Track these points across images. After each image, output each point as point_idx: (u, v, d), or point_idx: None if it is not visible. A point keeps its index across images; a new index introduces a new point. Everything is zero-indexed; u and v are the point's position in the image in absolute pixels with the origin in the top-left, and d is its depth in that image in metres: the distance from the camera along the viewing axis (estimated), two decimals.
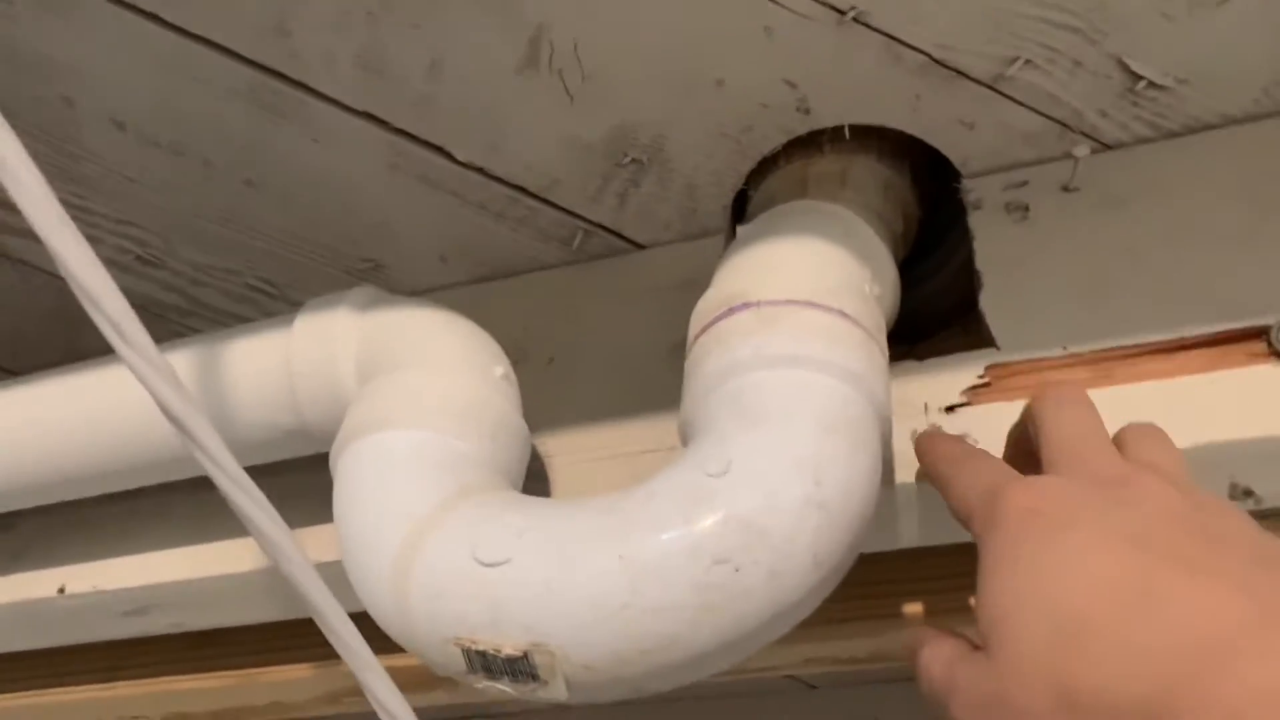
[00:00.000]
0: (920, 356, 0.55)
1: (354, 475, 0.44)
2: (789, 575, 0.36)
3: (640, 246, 0.68)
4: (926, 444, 0.43)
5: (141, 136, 0.66)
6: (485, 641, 0.37)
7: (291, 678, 0.64)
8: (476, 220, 0.67)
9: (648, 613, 0.35)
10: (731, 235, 0.66)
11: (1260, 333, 0.46)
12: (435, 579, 0.38)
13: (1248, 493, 0.45)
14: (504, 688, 0.38)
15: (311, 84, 0.62)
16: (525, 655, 0.36)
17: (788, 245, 0.46)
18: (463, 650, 0.37)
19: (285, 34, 0.60)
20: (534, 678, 0.37)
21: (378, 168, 0.65)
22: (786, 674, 0.57)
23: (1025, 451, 0.40)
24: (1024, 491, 0.34)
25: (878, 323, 0.44)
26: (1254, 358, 0.46)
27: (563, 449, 0.57)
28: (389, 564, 0.40)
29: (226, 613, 0.61)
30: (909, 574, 0.53)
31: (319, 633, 0.57)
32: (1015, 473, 0.37)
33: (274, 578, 0.57)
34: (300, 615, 0.59)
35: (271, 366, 0.50)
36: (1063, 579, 0.30)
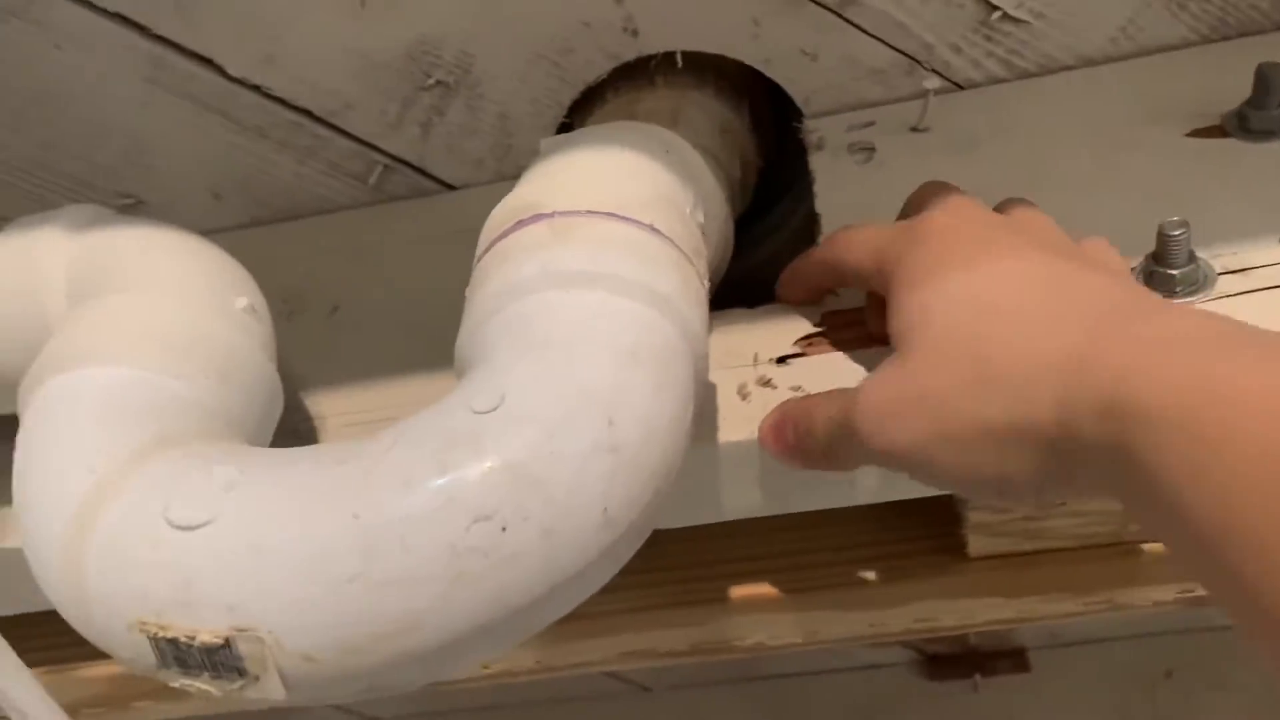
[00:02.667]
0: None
1: (35, 424, 0.34)
2: (570, 535, 0.29)
3: (448, 187, 0.60)
4: (800, 259, 0.45)
5: None
6: (177, 626, 0.28)
7: None
8: (255, 149, 0.58)
9: (385, 586, 0.27)
10: None
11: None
12: (118, 546, 0.29)
13: None
14: (204, 686, 0.29)
15: None
16: (227, 643, 0.28)
17: (594, 155, 0.39)
18: (150, 638, 0.29)
19: None
20: (240, 672, 0.28)
21: (134, 82, 0.55)
22: (602, 670, 0.49)
23: None
24: (942, 213, 0.37)
25: (697, 247, 0.37)
26: None
27: (338, 409, 0.48)
28: (64, 530, 0.31)
29: None
30: (738, 551, 0.46)
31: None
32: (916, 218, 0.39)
33: None
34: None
35: None
36: (991, 279, 0.33)
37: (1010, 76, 0.53)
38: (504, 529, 0.28)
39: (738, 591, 0.46)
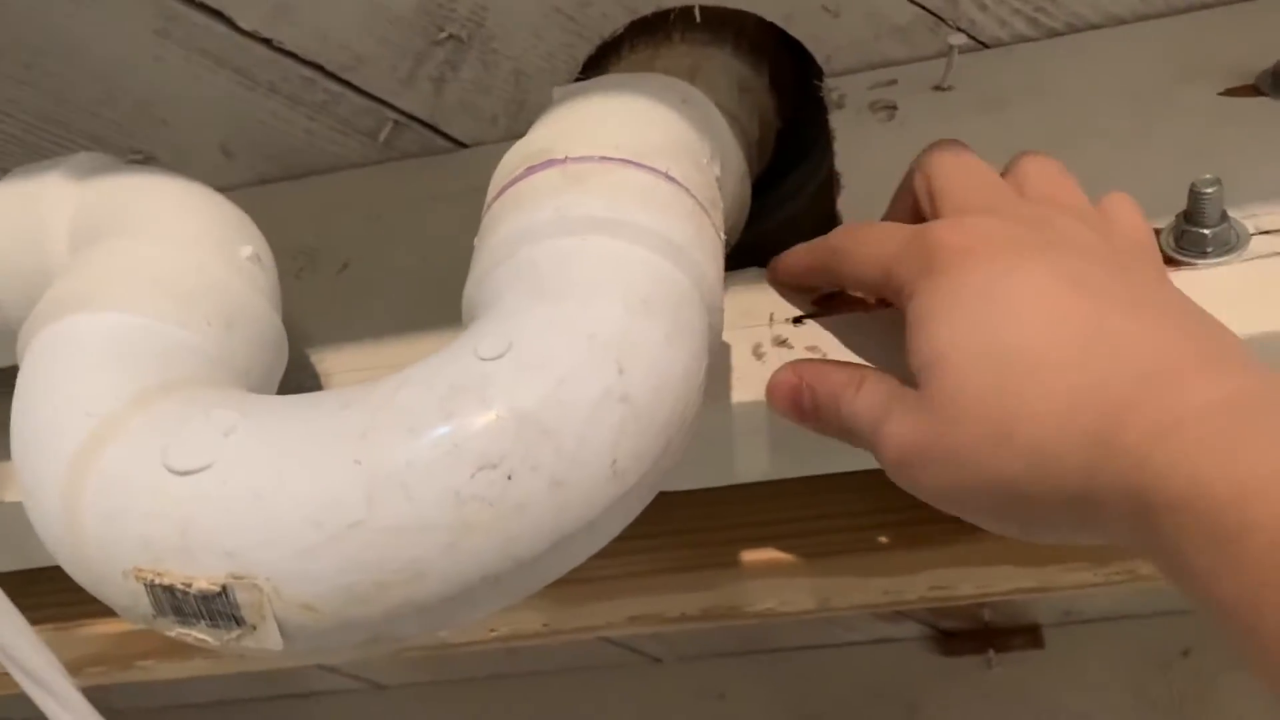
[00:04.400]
0: None
1: (34, 369, 0.33)
2: (578, 485, 0.28)
3: (461, 145, 0.59)
4: (795, 253, 0.42)
5: None
6: (173, 573, 0.27)
7: None
8: (266, 105, 0.57)
9: (388, 533, 0.27)
10: None
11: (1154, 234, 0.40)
12: (113, 493, 0.29)
13: None
14: (201, 635, 0.28)
15: None
16: (224, 590, 0.27)
17: (610, 101, 0.38)
18: (146, 585, 0.28)
19: None
20: (237, 620, 0.27)
21: (143, 35, 0.54)
22: (605, 636, 0.48)
23: (912, 214, 0.39)
24: (953, 231, 0.33)
25: (713, 197, 0.36)
26: None
27: (346, 366, 0.47)
28: (61, 476, 0.30)
29: None
30: (750, 516, 0.45)
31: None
32: (927, 222, 0.35)
33: None
34: None
35: None
36: (1011, 318, 0.30)
37: (1038, 35, 0.52)
38: (510, 477, 0.27)
39: (749, 556, 0.45)
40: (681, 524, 0.45)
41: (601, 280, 0.30)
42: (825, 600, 0.46)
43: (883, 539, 0.45)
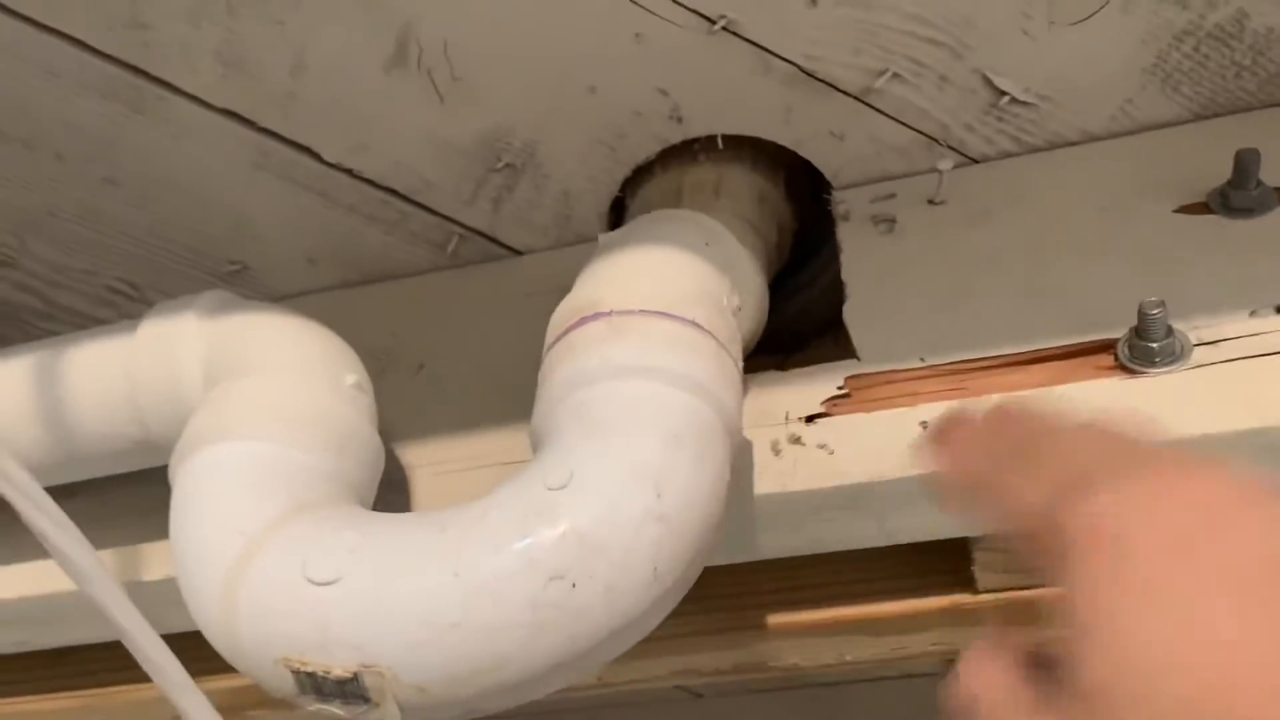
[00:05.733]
0: (789, 367, 0.55)
1: (189, 490, 0.42)
2: (627, 591, 0.35)
3: (516, 252, 0.67)
4: (951, 431, 0.32)
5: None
6: (315, 663, 0.35)
7: (145, 697, 0.62)
8: (346, 222, 0.66)
9: (481, 631, 0.34)
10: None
11: (1108, 346, 0.47)
12: (264, 598, 0.37)
13: None
14: (336, 710, 0.36)
15: (170, 79, 0.59)
16: (355, 677, 0.35)
17: (645, 253, 0.45)
18: (292, 671, 0.36)
19: (141, 26, 0.58)
20: (365, 700, 0.35)
21: (242, 167, 0.63)
22: (655, 686, 0.56)
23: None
24: (1111, 515, 0.25)
25: (732, 334, 0.44)
26: (1102, 370, 0.47)
27: (427, 459, 0.55)
28: (219, 582, 0.38)
29: (73, 630, 0.58)
30: (772, 584, 0.53)
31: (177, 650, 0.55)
32: (1086, 477, 0.27)
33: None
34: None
35: (114, 375, 0.48)
36: (1191, 648, 0.23)
37: (1020, 151, 0.59)
38: (574, 586, 0.35)
39: (774, 619, 0.53)
40: (715, 591, 0.52)
41: (641, 418, 0.38)
42: (841, 655, 0.53)
43: (890, 604, 0.52)
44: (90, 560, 0.30)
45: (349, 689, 0.35)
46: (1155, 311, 0.45)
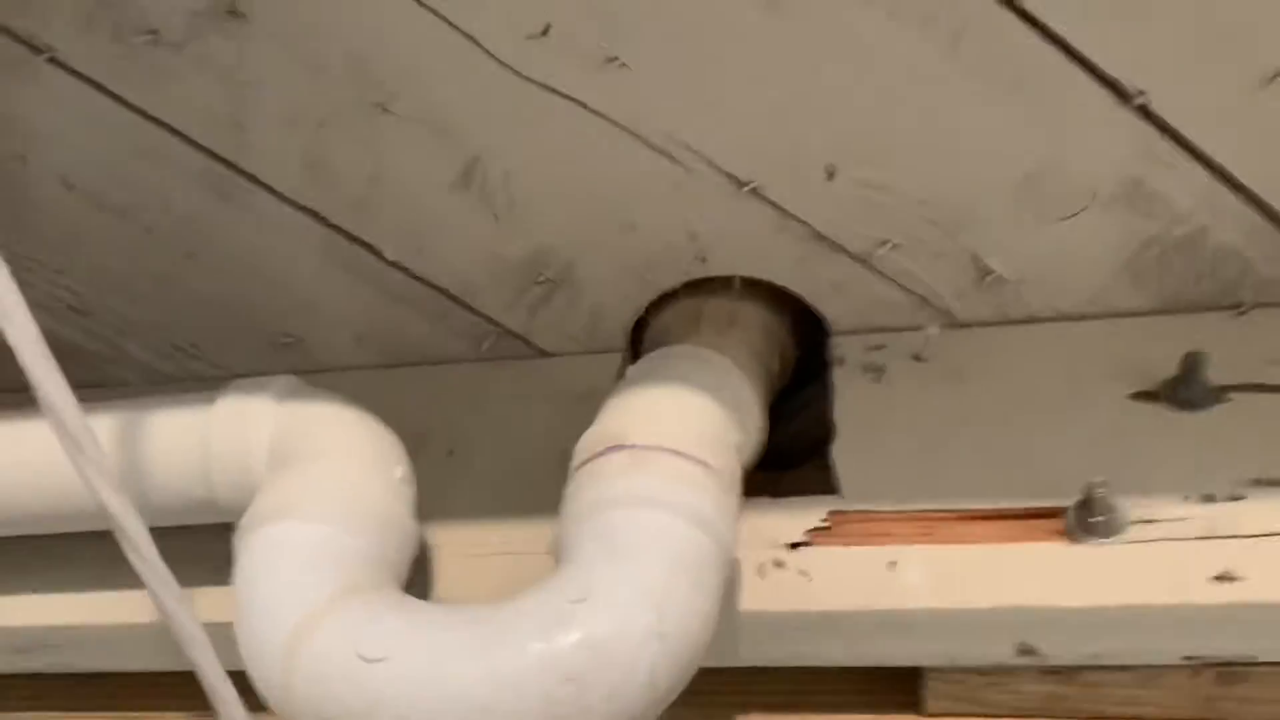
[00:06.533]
0: (781, 488, 0.62)
1: (256, 558, 0.49)
2: (627, 695, 0.42)
3: (546, 354, 0.74)
4: None
5: (88, 197, 0.70)
6: None
7: None
8: (396, 311, 0.73)
9: (503, 717, 0.41)
10: (629, 352, 0.73)
11: (1058, 513, 0.54)
12: (320, 668, 0.43)
13: (1031, 651, 0.52)
14: None
15: (260, 176, 0.67)
16: None
17: (667, 393, 0.53)
18: None
19: (240, 128, 0.65)
20: None
21: (311, 256, 0.70)
22: None
23: None
24: None
25: (734, 471, 0.51)
26: (1050, 535, 0.54)
27: (451, 541, 0.62)
28: (279, 648, 0.45)
29: (114, 659, 0.64)
30: (746, 687, 0.59)
31: (194, 685, 0.61)
32: None
33: (162, 631, 0.61)
34: (183, 668, 0.62)
35: (191, 443, 0.54)
36: None
37: (1000, 321, 0.67)
38: (583, 688, 0.41)
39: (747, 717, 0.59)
40: (698, 688, 0.59)
41: (652, 546, 0.45)
42: None
43: (848, 715, 0.58)
44: (182, 608, 0.37)
45: None
46: (1099, 491, 0.52)
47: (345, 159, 0.66)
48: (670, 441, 0.49)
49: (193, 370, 0.78)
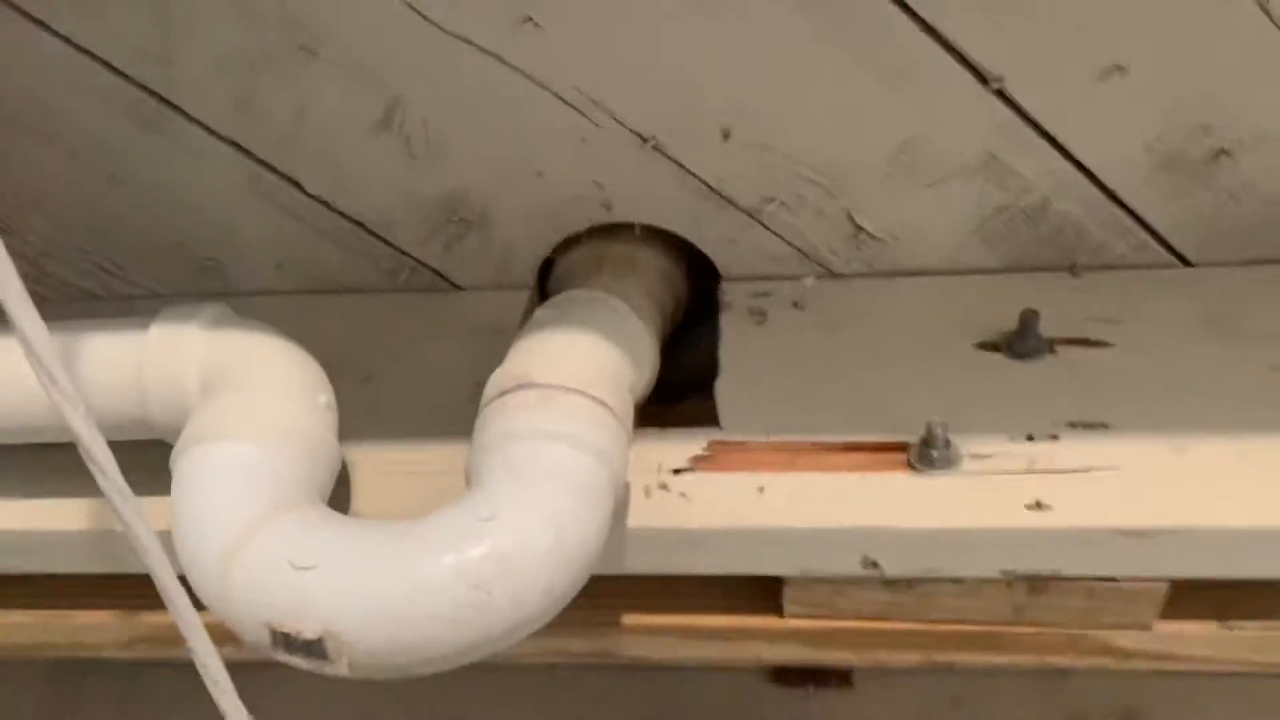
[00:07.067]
0: (673, 419, 0.69)
1: (192, 476, 0.54)
2: (527, 601, 0.49)
3: (458, 288, 0.79)
4: None
5: (11, 121, 0.72)
6: (291, 626, 0.48)
7: (94, 622, 0.73)
8: (316, 242, 0.77)
9: (418, 619, 0.48)
10: (537, 290, 0.79)
11: (904, 447, 0.63)
12: (255, 576, 0.49)
13: (874, 565, 0.61)
14: (298, 662, 0.49)
15: (187, 109, 0.70)
16: (320, 640, 0.48)
17: (569, 336, 0.59)
18: (271, 631, 0.49)
19: (169, 63, 0.68)
20: (324, 657, 0.48)
21: (235, 186, 0.74)
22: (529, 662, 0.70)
23: None
24: None
25: (627, 408, 0.58)
26: (895, 466, 0.62)
27: (367, 460, 0.68)
28: (217, 559, 0.50)
29: (51, 562, 0.69)
30: (628, 592, 0.67)
31: (123, 587, 0.66)
32: None
33: (98, 538, 0.66)
34: (117, 570, 0.67)
35: (128, 368, 0.59)
36: None
37: (870, 274, 0.74)
38: (489, 594, 0.48)
39: (627, 619, 0.67)
40: (589, 592, 0.67)
41: (553, 473, 0.52)
42: (674, 655, 0.68)
43: (718, 620, 0.67)
44: (140, 519, 0.42)
45: (314, 649, 0.48)
46: (938, 429, 0.61)
47: (272, 98, 0.69)
48: (572, 381, 0.55)
49: (114, 289, 0.81)
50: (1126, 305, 0.70)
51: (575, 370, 0.56)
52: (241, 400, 0.57)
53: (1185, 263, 0.72)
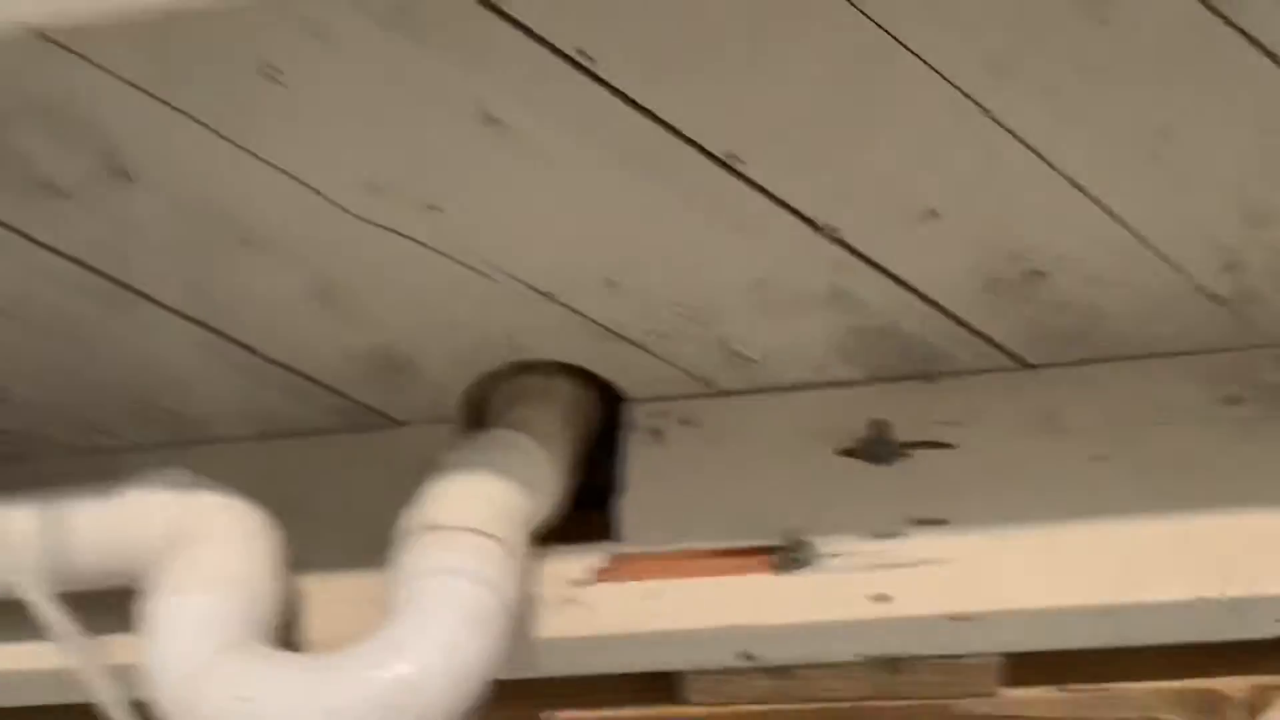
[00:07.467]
0: (593, 525, 0.79)
1: (157, 622, 0.65)
2: (434, 713, 0.59)
3: (399, 423, 0.90)
4: None
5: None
6: None
7: None
8: (268, 394, 0.88)
9: None
10: (464, 422, 0.89)
11: (770, 550, 0.73)
12: (209, 705, 0.60)
13: (750, 656, 0.71)
14: None
15: (144, 291, 0.81)
16: None
17: (469, 481, 0.70)
18: None
19: (125, 256, 0.80)
20: None
21: (193, 352, 0.85)
22: None
23: None
24: None
25: (519, 539, 0.68)
26: (764, 567, 0.72)
27: (317, 589, 0.78)
28: (178, 691, 0.61)
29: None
30: (547, 691, 0.77)
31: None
32: None
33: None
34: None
35: (107, 529, 0.70)
36: None
37: (750, 389, 0.85)
38: (402, 712, 0.58)
39: (546, 716, 0.77)
40: (512, 694, 0.76)
41: (455, 605, 0.62)
42: None
43: (625, 709, 0.77)
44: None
45: None
46: (794, 535, 0.71)
47: (218, 280, 0.81)
48: (469, 523, 0.66)
49: (102, 445, 0.93)
50: (971, 408, 0.80)
51: (471, 513, 0.67)
52: (195, 555, 0.68)
53: (1026, 365, 0.82)
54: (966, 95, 0.66)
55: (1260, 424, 0.75)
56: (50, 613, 0.54)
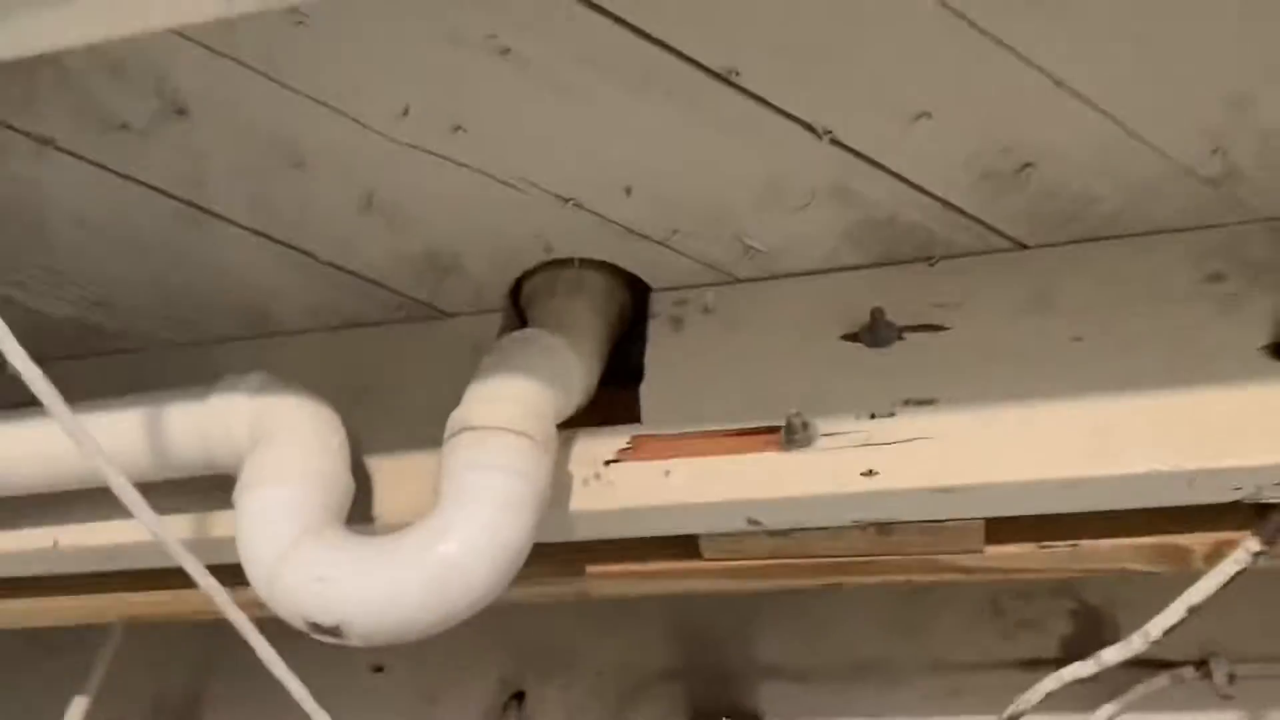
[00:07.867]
0: (624, 401, 0.88)
1: (248, 512, 0.77)
2: (478, 585, 0.71)
3: (448, 315, 1.00)
4: None
5: (95, 232, 0.94)
6: (317, 617, 0.71)
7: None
8: (334, 293, 0.98)
9: (403, 608, 0.70)
10: (510, 309, 0.98)
11: (775, 430, 0.81)
12: (291, 583, 0.72)
13: (756, 522, 0.80)
14: (326, 639, 0.72)
15: (218, 212, 0.91)
16: (337, 625, 0.71)
17: (504, 383, 0.79)
18: (305, 621, 0.72)
19: (200, 183, 0.89)
20: (337, 634, 0.71)
21: (265, 261, 0.95)
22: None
23: None
24: None
25: (551, 431, 0.78)
26: (769, 446, 0.81)
27: (383, 468, 0.90)
28: (266, 572, 0.74)
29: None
30: (590, 551, 0.88)
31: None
32: None
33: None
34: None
35: (193, 431, 0.82)
36: None
37: (765, 277, 0.91)
38: (449, 584, 0.70)
39: (591, 569, 0.89)
40: (554, 554, 0.88)
41: (490, 494, 0.72)
42: (630, 589, 0.89)
43: (650, 563, 0.88)
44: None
45: (333, 631, 0.71)
46: (796, 417, 0.79)
47: (279, 197, 0.89)
48: (502, 422, 0.75)
49: (193, 340, 1.05)
50: (969, 289, 0.86)
51: (504, 413, 0.76)
52: (275, 451, 0.79)
53: (1022, 246, 0.87)
54: (945, 5, 0.70)
55: (1238, 300, 0.79)
56: (130, 494, 0.66)
